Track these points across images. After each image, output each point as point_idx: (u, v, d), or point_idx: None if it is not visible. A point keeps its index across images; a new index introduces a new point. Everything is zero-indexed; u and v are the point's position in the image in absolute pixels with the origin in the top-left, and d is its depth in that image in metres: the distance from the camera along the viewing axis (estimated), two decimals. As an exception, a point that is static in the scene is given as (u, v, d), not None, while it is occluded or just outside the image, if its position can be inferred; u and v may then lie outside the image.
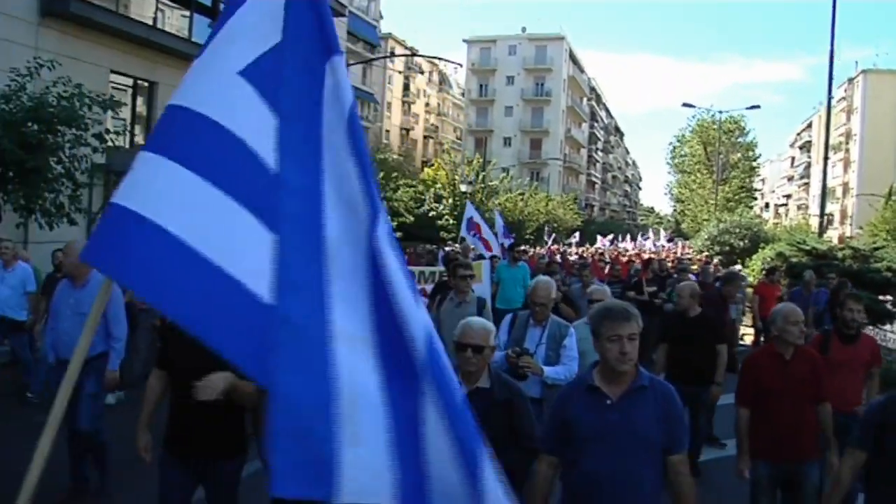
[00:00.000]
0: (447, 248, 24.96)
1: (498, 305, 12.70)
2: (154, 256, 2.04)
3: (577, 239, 50.51)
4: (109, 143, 16.94)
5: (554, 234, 50.12)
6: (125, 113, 24.19)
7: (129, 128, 24.40)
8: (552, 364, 6.22)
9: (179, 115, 2.24)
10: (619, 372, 3.80)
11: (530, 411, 4.63)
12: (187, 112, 2.22)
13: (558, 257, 25.76)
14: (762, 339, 15.32)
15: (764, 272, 20.51)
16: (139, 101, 25.56)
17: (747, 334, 18.26)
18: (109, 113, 17.09)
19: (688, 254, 36.19)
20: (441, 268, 13.23)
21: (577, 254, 31.16)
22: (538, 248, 36.28)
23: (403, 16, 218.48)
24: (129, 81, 24.82)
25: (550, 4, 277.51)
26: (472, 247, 19.13)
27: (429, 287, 12.02)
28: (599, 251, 37.99)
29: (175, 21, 26.50)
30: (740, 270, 21.96)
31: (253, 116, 2.25)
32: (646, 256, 27.48)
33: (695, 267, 21.68)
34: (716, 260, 27.58)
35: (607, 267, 19.69)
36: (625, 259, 26.09)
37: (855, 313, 6.75)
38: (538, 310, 6.51)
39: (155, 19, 25.12)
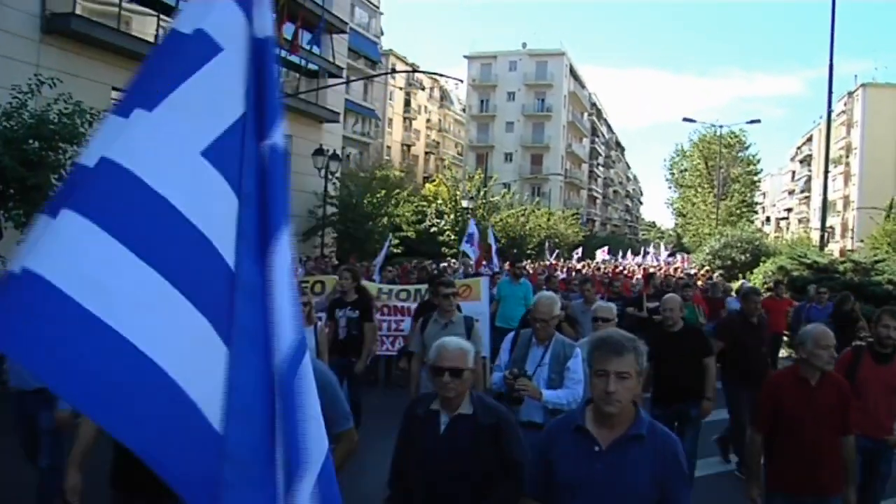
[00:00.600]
0: (443, 264, 24.43)
1: (498, 324, 12.45)
2: (94, 357, 1.72)
3: (580, 254, 50.38)
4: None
5: (557, 250, 49.94)
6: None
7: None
8: (556, 387, 5.82)
9: (132, 186, 1.87)
10: (607, 413, 3.32)
11: (520, 437, 4.31)
12: (143, 187, 1.87)
13: (561, 272, 25.39)
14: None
15: (766, 286, 20.46)
16: (140, 118, 25.62)
17: None
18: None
19: (686, 268, 36.02)
20: (425, 285, 12.68)
21: (576, 269, 30.74)
22: (539, 262, 36.13)
23: (404, 32, 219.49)
24: (131, 98, 24.89)
25: (551, 20, 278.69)
26: (472, 261, 18.93)
27: (413, 306, 11.62)
28: (597, 265, 37.75)
29: (176, 38, 26.60)
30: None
31: (217, 205, 1.98)
32: (650, 271, 27.15)
33: (700, 282, 21.14)
34: (717, 274, 27.46)
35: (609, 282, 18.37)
36: (628, 274, 25.54)
37: (891, 330, 6.35)
38: (539, 327, 6.10)
39: (157, 36, 25.24)
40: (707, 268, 29.59)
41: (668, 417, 7.56)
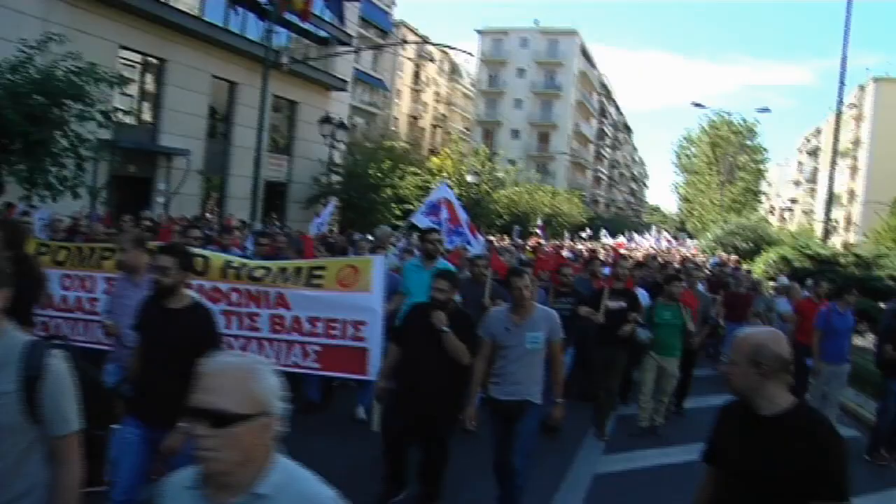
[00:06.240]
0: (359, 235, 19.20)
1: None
2: None
3: (589, 234, 49.79)
4: (115, 120, 16.97)
5: (542, 225, 47.55)
6: (133, 89, 24.19)
7: (136, 107, 24.42)
8: None
9: None
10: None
11: None
12: None
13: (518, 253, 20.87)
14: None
15: (767, 276, 20.26)
16: (148, 77, 25.52)
17: None
18: (117, 89, 17.09)
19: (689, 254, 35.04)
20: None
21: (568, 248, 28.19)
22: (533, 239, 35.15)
23: (416, 3, 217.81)
24: (139, 58, 24.80)
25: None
26: (396, 237, 14.95)
27: (276, 291, 7.83)
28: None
29: (187, -1, 26.43)
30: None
31: None
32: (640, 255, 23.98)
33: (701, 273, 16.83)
34: (734, 256, 26.77)
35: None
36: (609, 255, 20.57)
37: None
38: None
39: (166, -4, 25.05)
40: (735, 256, 27.33)
41: None
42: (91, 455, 3.23)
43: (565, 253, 21.67)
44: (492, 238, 28.49)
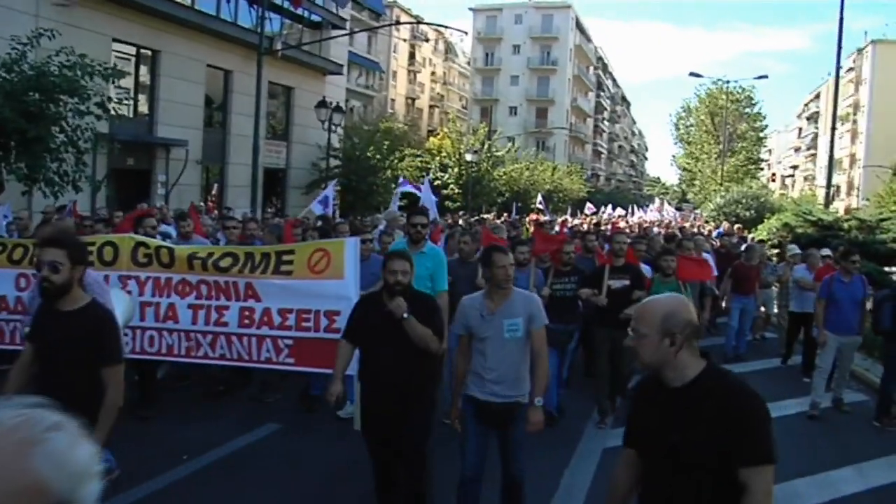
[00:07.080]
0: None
1: None
2: None
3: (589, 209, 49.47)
4: (112, 112, 16.94)
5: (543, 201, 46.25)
6: (128, 82, 24.12)
7: (132, 97, 24.35)
8: None
9: None
10: None
11: None
12: None
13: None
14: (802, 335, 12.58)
15: (770, 243, 20.15)
16: (142, 69, 25.44)
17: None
18: (111, 83, 17.07)
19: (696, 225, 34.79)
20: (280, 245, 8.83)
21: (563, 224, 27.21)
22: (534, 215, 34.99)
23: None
24: (132, 50, 24.72)
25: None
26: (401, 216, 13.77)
27: (246, 282, 7.45)
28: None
29: (178, -12, 26.27)
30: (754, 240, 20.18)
31: None
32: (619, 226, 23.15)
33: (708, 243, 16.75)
34: (738, 225, 26.54)
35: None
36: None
37: None
38: None
39: (157, -13, 24.90)
40: (739, 225, 26.91)
41: None
42: None
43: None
44: (485, 216, 28.70)
